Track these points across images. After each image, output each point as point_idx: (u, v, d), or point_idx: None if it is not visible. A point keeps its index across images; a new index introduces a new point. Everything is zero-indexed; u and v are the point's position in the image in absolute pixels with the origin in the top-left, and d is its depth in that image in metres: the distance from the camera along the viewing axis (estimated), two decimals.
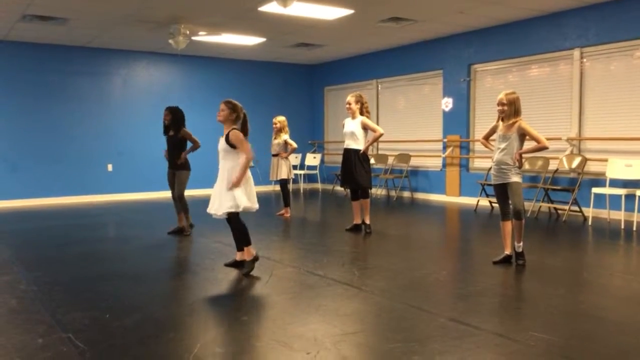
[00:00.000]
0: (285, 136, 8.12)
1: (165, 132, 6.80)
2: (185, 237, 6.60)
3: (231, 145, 4.62)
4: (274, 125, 8.23)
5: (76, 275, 4.84)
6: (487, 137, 5.29)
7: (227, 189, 4.60)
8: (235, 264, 4.98)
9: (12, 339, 3.22)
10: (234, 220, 4.75)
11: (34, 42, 10.09)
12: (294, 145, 8.14)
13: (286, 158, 8.20)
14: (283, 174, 8.17)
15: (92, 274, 4.85)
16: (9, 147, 10.05)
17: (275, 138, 8.21)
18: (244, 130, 4.77)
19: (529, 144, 4.96)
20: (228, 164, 4.67)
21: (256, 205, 4.77)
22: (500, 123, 4.99)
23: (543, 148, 4.86)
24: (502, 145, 4.92)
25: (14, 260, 5.38)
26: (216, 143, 4.79)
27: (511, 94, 4.91)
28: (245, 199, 4.64)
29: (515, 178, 4.90)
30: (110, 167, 11.06)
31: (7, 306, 3.90)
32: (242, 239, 4.83)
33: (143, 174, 11.13)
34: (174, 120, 6.67)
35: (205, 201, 5.06)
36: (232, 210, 4.62)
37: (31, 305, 3.90)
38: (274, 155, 8.24)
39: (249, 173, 4.71)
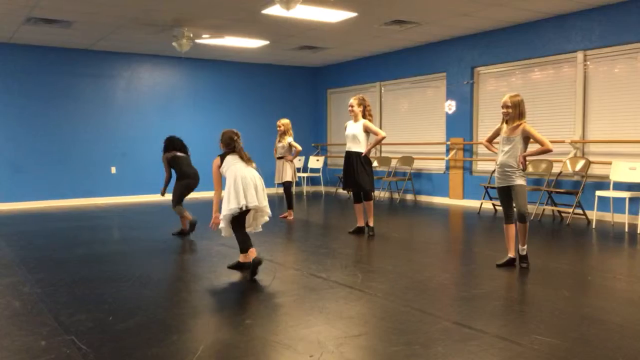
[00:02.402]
0: (289, 139, 8.12)
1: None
2: (188, 239, 6.60)
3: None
4: (278, 128, 8.23)
5: (80, 277, 4.84)
6: (490, 140, 5.28)
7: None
8: (239, 266, 4.98)
9: (16, 341, 3.22)
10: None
11: (38, 44, 10.13)
12: (299, 147, 8.14)
13: (291, 161, 8.20)
14: (288, 177, 8.17)
15: (95, 276, 4.86)
16: (13, 149, 10.08)
17: (279, 141, 8.21)
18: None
19: (532, 147, 4.95)
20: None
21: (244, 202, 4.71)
22: (504, 125, 4.98)
23: (547, 151, 4.85)
24: (506, 148, 4.91)
25: (17, 262, 5.39)
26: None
27: (515, 96, 4.90)
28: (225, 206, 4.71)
29: (520, 181, 4.89)
30: (113, 170, 11.09)
31: (10, 308, 3.91)
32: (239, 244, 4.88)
33: (146, 177, 11.14)
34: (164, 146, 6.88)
35: (208, 204, 5.06)
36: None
37: (34, 307, 3.90)
38: (279, 158, 8.24)
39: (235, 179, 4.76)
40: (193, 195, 7.20)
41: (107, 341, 3.23)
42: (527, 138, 4.87)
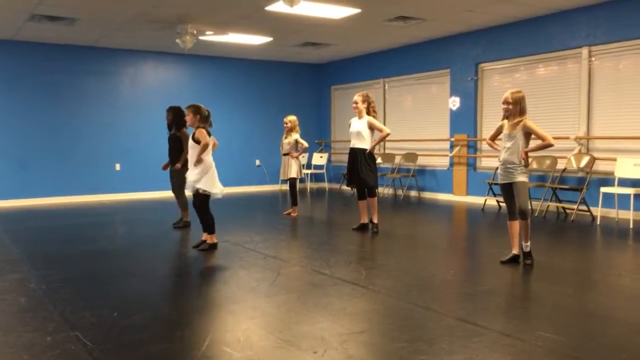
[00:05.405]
0: (296, 135, 8.11)
1: (169, 130, 7.11)
2: (191, 235, 6.61)
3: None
4: (285, 125, 8.21)
5: (84, 273, 4.86)
6: (493, 138, 5.26)
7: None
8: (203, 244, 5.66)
9: (21, 337, 3.24)
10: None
11: (42, 41, 10.14)
12: (305, 144, 8.13)
13: (297, 157, 8.20)
14: (293, 173, 8.17)
15: (100, 273, 4.88)
16: (18, 146, 10.11)
17: (285, 137, 8.21)
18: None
19: (535, 143, 4.94)
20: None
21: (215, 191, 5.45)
22: (506, 122, 4.98)
23: (548, 145, 4.84)
24: (508, 145, 4.90)
25: (23, 259, 5.42)
26: (226, 140, 4.93)
27: (516, 93, 4.89)
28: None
29: (521, 177, 4.88)
30: (118, 167, 11.11)
31: (16, 304, 3.93)
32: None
33: (150, 173, 11.14)
34: (174, 119, 6.94)
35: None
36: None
37: (40, 304, 3.92)
38: (285, 155, 8.24)
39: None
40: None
41: (112, 337, 3.24)
42: (528, 134, 4.86)
